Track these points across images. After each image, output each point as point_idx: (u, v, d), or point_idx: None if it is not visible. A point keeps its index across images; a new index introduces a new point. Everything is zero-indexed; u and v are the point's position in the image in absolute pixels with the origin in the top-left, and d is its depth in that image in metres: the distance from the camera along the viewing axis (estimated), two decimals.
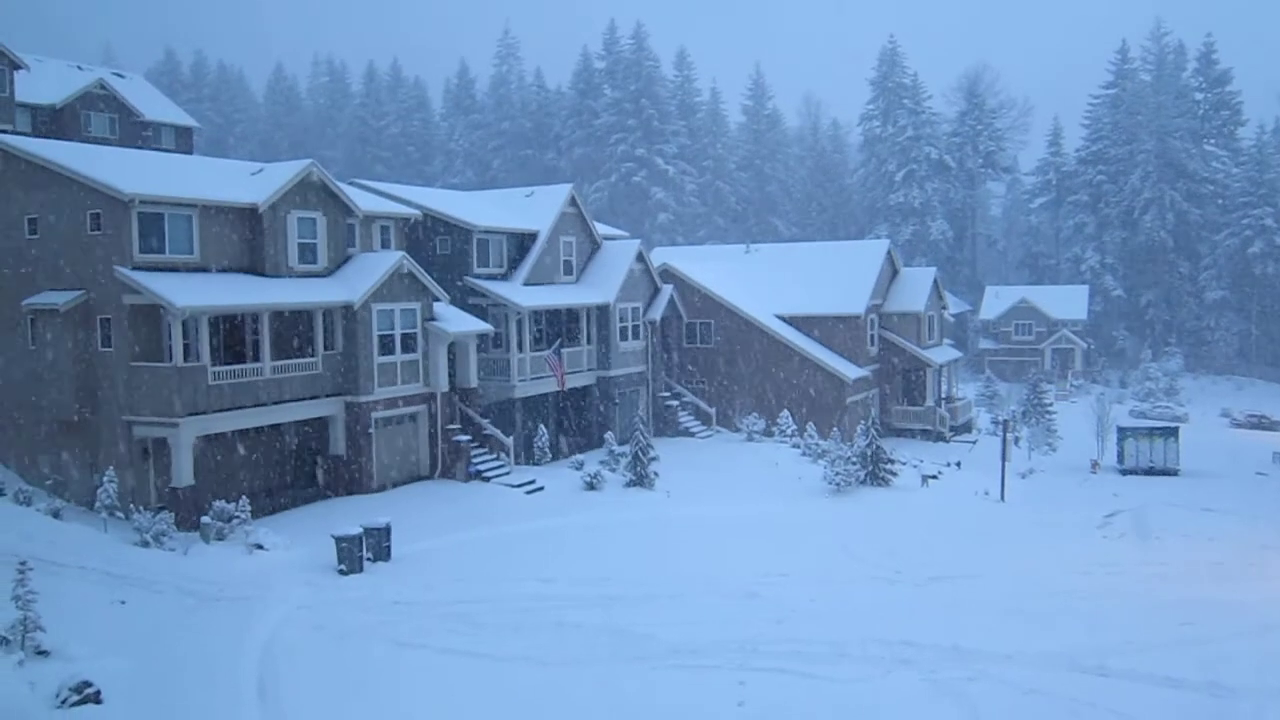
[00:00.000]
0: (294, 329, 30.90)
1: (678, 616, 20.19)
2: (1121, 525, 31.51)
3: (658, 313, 44.27)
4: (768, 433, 43.98)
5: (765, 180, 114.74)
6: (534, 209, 41.35)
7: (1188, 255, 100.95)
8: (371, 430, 31.36)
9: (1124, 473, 45.57)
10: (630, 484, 33.63)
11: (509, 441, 35.23)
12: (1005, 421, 41.23)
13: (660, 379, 45.63)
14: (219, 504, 25.92)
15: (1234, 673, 17.08)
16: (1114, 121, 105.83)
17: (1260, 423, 70.49)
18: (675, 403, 45.46)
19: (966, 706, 15.76)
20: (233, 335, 30.33)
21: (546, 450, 37.11)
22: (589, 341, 41.22)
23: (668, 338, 47.17)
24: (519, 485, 32.79)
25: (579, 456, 36.94)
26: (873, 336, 50.65)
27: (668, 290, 45.29)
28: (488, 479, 33.17)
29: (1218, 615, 20.65)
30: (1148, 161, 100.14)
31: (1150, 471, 45.37)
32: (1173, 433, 47.05)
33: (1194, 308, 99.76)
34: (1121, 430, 48.01)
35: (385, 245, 35.20)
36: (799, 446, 41.25)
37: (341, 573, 23.37)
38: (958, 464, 42.82)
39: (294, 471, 31.72)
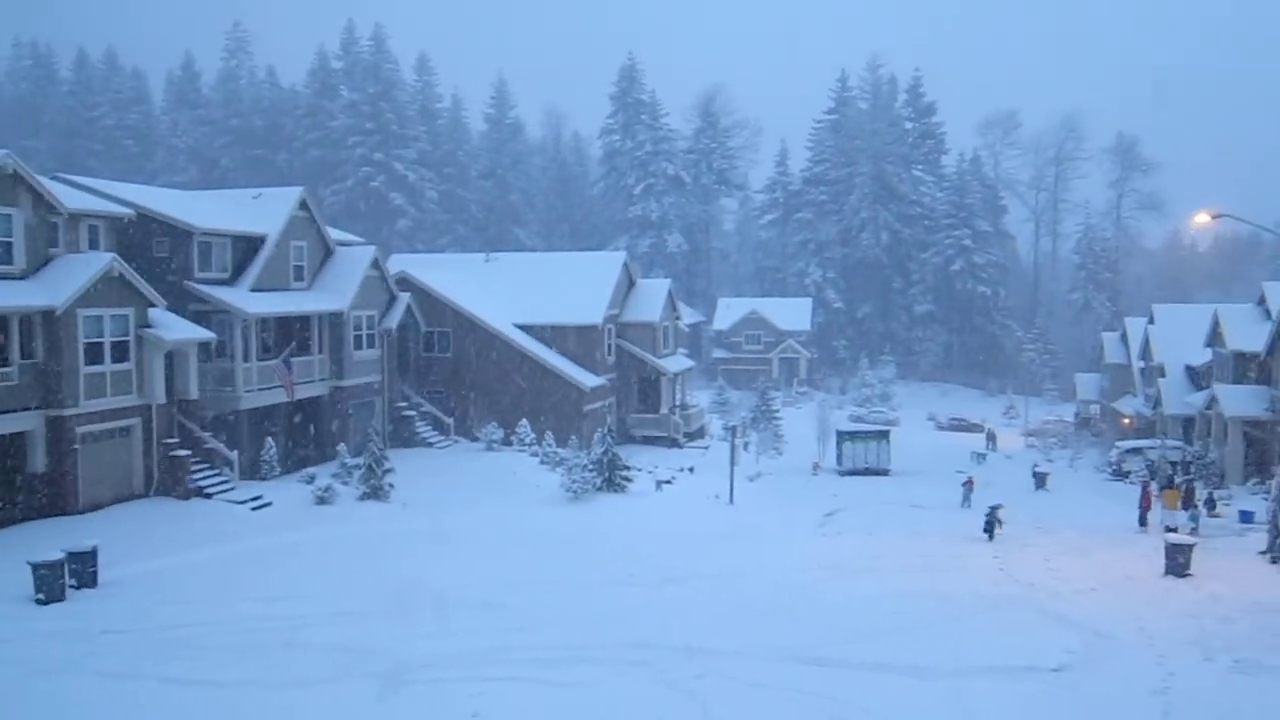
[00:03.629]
0: None
1: (412, 630, 19.79)
2: (839, 523, 33.55)
3: (394, 321, 43.33)
4: (507, 441, 43.93)
5: (508, 189, 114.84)
6: (263, 211, 39.50)
7: (900, 271, 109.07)
8: (77, 446, 28.94)
9: (843, 473, 48.58)
10: (364, 497, 32.74)
11: (234, 455, 33.46)
12: (734, 428, 43.05)
13: (397, 389, 44.68)
14: None
15: (935, 656, 18.49)
16: (835, 145, 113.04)
17: (960, 425, 77.25)
18: (413, 413, 44.63)
19: (696, 703, 16.26)
20: None
21: (275, 464, 35.49)
22: (321, 350, 39.76)
23: (405, 347, 46.27)
24: (244, 501, 31.20)
25: (310, 470, 35.60)
26: (610, 346, 51.62)
27: (405, 298, 44.42)
28: (210, 496, 31.37)
29: (922, 604, 22.31)
30: (865, 184, 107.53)
31: (866, 472, 48.61)
32: (885, 435, 50.69)
33: (905, 320, 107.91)
34: (840, 434, 51.21)
35: (95, 246, 32.61)
36: (538, 455, 41.43)
37: (40, 602, 21.39)
38: (691, 469, 44.20)
39: None
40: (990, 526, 30.34)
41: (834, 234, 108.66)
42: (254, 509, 30.96)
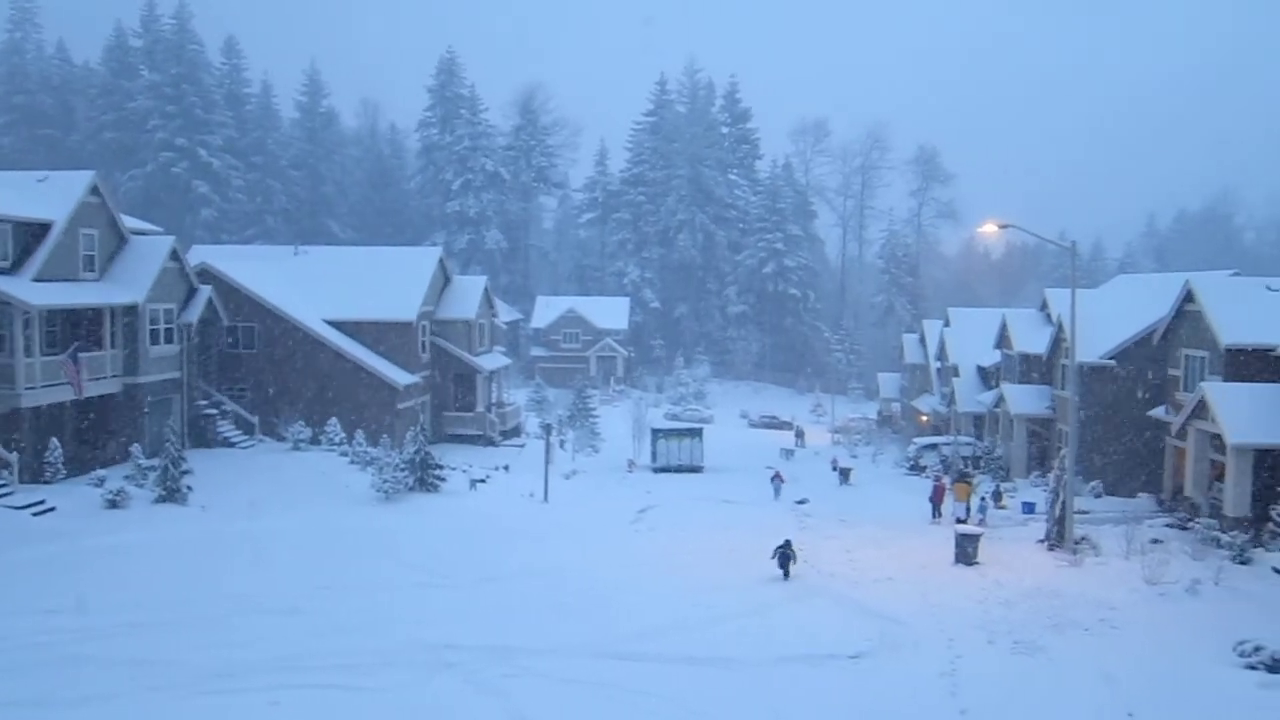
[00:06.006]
0: None
1: (209, 639, 18.90)
2: (652, 520, 34.03)
3: (195, 315, 41.31)
4: (315, 441, 42.52)
5: (320, 180, 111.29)
6: (49, 196, 36.87)
7: (715, 273, 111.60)
8: None
9: (657, 470, 49.29)
10: (160, 500, 31.11)
11: (13, 458, 31.15)
12: (548, 426, 43.06)
13: (198, 386, 42.64)
14: None
15: (740, 647, 19.02)
16: (653, 147, 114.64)
17: (771, 422, 79.60)
18: (215, 411, 42.68)
19: (505, 702, 16.18)
20: None
21: (60, 466, 33.25)
22: (114, 345, 37.46)
23: (207, 342, 44.20)
24: (24, 507, 29.07)
25: (101, 472, 33.51)
26: (425, 343, 50.71)
27: (206, 291, 42.39)
28: None
29: (728, 598, 22.89)
30: (682, 186, 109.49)
31: (680, 469, 49.48)
32: (698, 433, 51.72)
33: (720, 320, 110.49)
34: (655, 431, 51.96)
35: None
36: (348, 454, 40.28)
37: None
38: (506, 468, 43.94)
39: None
40: (785, 564, 25.42)
41: (652, 234, 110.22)
42: (35, 515, 28.89)
